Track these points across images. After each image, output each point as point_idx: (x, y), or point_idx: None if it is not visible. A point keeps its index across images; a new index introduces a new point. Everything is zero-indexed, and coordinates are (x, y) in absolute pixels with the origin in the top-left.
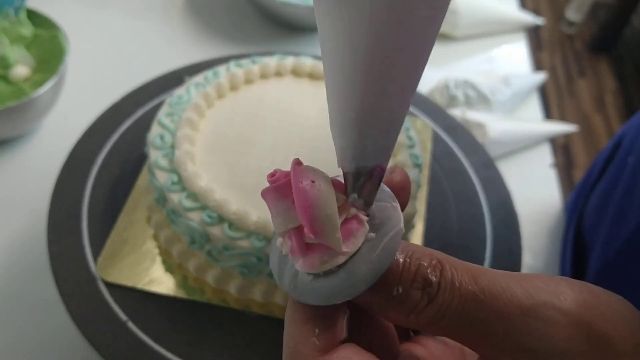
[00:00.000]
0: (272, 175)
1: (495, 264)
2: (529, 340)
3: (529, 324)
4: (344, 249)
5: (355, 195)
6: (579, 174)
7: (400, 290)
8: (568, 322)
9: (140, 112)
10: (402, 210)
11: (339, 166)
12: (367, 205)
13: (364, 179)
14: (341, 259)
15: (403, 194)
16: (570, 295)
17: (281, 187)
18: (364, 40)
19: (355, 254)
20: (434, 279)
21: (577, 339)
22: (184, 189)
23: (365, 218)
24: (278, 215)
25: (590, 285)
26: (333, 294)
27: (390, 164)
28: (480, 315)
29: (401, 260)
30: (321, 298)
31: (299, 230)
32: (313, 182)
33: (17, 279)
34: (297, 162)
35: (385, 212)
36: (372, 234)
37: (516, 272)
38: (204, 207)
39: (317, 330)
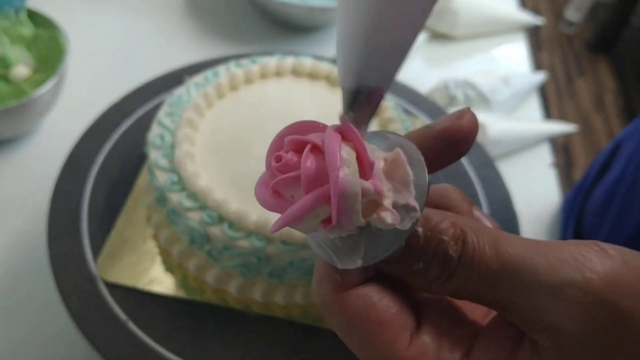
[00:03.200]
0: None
1: None
2: (549, 317)
3: (549, 303)
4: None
5: (350, 114)
6: (578, 174)
7: (421, 265)
8: (590, 302)
9: (140, 112)
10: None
11: (339, 84)
12: (358, 125)
13: (362, 99)
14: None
15: (469, 138)
16: (598, 269)
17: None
18: None
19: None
20: (454, 255)
21: (599, 319)
22: (184, 188)
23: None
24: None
25: (626, 252)
26: (351, 260)
27: None
28: (500, 290)
29: (421, 233)
30: (314, 245)
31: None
32: (341, 170)
33: (17, 279)
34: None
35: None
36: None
37: (546, 241)
38: (203, 207)
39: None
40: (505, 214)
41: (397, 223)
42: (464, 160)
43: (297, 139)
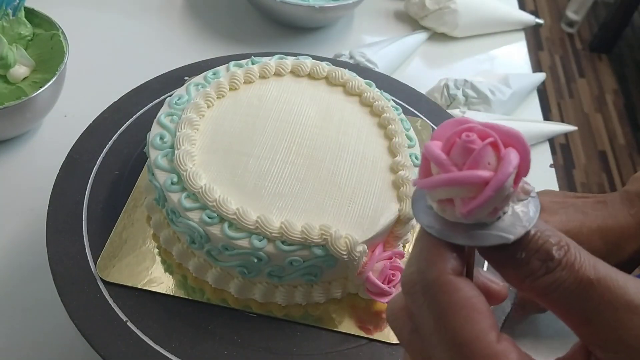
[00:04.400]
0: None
1: None
2: (628, 335)
3: (633, 321)
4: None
5: None
6: (579, 174)
7: (523, 255)
8: None
9: (140, 112)
10: None
11: None
12: None
13: None
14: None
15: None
16: None
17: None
18: None
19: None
20: (556, 255)
21: None
22: (183, 189)
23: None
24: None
25: None
26: (481, 239)
27: (390, 164)
28: (589, 300)
29: (532, 232)
30: (468, 239)
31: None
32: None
33: (17, 278)
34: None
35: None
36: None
37: (635, 277)
38: (203, 207)
39: (454, 254)
40: None
41: (532, 188)
42: None
43: (483, 130)
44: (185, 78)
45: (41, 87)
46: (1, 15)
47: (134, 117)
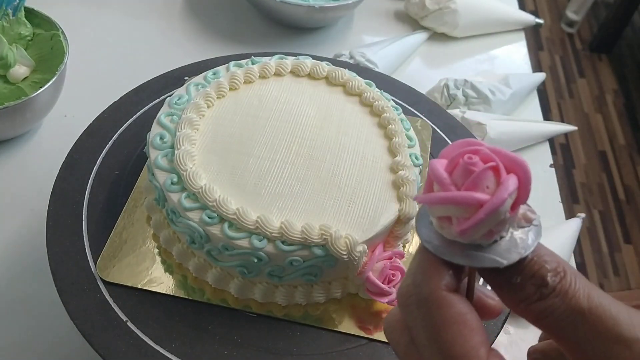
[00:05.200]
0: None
1: None
2: None
3: (621, 353)
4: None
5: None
6: (579, 174)
7: (519, 280)
8: None
9: (140, 112)
10: None
11: None
12: None
13: None
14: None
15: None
16: None
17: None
18: None
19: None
20: (550, 282)
21: None
22: (183, 189)
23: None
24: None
25: None
26: (475, 259)
27: (390, 163)
28: (580, 330)
29: (529, 257)
30: (462, 259)
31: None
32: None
33: (17, 278)
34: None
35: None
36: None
37: (632, 308)
38: (203, 207)
39: (450, 272)
40: None
41: (536, 217)
42: None
43: (487, 154)
44: (185, 78)
45: (41, 87)
46: (1, 15)
47: (134, 117)
